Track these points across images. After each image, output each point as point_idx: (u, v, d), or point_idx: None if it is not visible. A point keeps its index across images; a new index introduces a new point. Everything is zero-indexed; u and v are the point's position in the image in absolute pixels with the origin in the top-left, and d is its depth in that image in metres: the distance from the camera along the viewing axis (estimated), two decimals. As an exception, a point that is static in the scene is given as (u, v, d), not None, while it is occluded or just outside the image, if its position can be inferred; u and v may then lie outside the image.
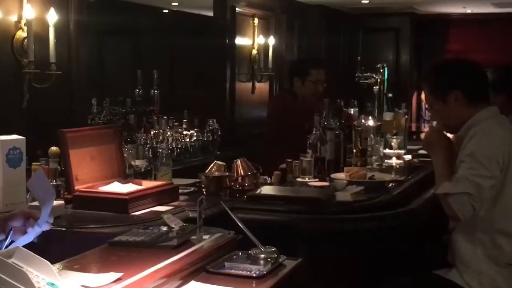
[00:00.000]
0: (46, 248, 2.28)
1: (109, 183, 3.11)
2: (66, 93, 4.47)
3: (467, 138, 2.79)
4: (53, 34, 4.15)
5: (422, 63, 9.83)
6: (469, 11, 9.61)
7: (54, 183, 2.97)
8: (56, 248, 2.44)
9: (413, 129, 8.04)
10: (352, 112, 5.02)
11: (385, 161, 4.48)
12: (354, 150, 4.36)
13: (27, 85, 4.12)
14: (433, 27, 9.98)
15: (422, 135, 6.70)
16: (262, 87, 7.18)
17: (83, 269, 1.91)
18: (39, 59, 4.10)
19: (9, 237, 2.00)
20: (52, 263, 1.78)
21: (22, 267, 1.63)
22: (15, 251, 1.67)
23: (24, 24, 4.07)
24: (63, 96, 4.42)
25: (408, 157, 4.76)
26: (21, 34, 4.09)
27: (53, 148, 3.06)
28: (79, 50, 4.61)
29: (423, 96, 9.44)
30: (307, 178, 3.75)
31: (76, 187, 2.97)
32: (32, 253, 1.70)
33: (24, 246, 1.77)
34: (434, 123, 3.22)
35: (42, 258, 1.69)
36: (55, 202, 2.75)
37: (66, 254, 2.06)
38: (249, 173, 3.55)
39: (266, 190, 3.48)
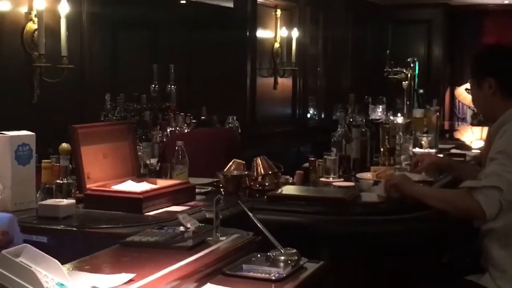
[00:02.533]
0: (57, 248, 2.32)
1: (122, 181, 3.14)
2: (78, 88, 4.51)
3: (497, 136, 2.80)
4: (65, 26, 4.19)
5: (456, 57, 9.78)
6: (506, 1, 9.55)
7: (65, 181, 3.00)
8: (66, 248, 2.49)
9: (446, 127, 8.01)
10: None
11: (415, 160, 4.47)
12: (382, 149, 4.36)
13: (38, 80, 4.16)
14: (468, 18, 9.92)
15: (456, 134, 6.72)
16: (285, 82, 7.19)
17: (94, 269, 1.93)
18: (50, 53, 4.15)
19: None
20: (63, 263, 1.80)
21: (30, 267, 1.65)
22: (23, 250, 1.70)
23: (35, 16, 4.12)
24: (75, 91, 4.47)
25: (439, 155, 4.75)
26: (32, 26, 4.14)
27: (64, 145, 3.09)
28: (92, 43, 4.65)
29: (456, 92, 9.43)
30: (331, 178, 3.76)
31: (88, 186, 2.99)
32: (41, 252, 1.72)
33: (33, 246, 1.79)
34: None
35: (51, 258, 1.72)
36: (66, 201, 2.80)
37: (77, 254, 2.09)
38: (270, 172, 3.56)
39: (288, 190, 3.49)
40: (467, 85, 3.45)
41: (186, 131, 4.86)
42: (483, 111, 3.04)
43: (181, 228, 2.31)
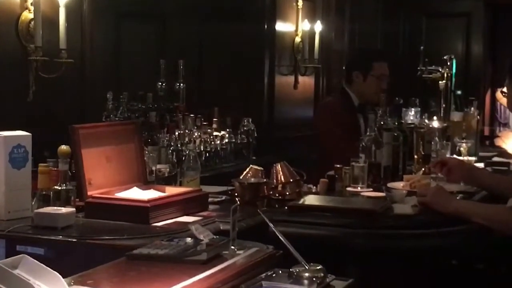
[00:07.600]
0: (55, 261, 2.33)
1: (127, 188, 3.16)
2: (78, 84, 4.53)
3: None
4: (64, 16, 4.20)
5: (498, 56, 9.73)
6: (556, -7, 9.49)
7: (64, 188, 3.01)
8: (65, 261, 2.51)
9: (486, 133, 7.97)
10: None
11: (453, 169, 4.46)
12: (416, 156, 4.35)
13: (34, 75, 4.18)
14: (512, 12, 9.88)
15: (497, 140, 6.69)
16: (307, 81, 7.19)
17: (97, 284, 1.94)
18: (47, 45, 4.17)
19: None
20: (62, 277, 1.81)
21: (28, 280, 1.66)
22: (21, 261, 1.70)
23: (31, 4, 4.13)
24: (74, 88, 4.49)
25: (480, 165, 4.73)
26: (27, 15, 4.16)
27: (63, 147, 3.10)
28: (94, 35, 4.67)
29: (497, 94, 9.38)
30: (359, 187, 3.76)
31: (89, 193, 3.01)
32: (40, 264, 1.73)
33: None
34: None
35: (52, 270, 1.72)
36: (65, 210, 2.81)
37: (76, 268, 2.09)
38: (291, 180, 3.57)
39: (311, 200, 3.50)
40: (504, 88, 3.44)
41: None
42: None
43: (194, 240, 2.31)
